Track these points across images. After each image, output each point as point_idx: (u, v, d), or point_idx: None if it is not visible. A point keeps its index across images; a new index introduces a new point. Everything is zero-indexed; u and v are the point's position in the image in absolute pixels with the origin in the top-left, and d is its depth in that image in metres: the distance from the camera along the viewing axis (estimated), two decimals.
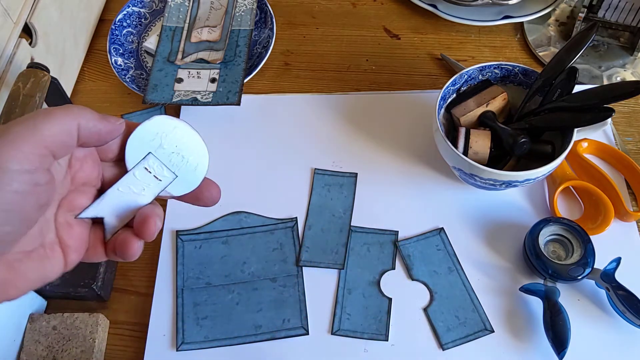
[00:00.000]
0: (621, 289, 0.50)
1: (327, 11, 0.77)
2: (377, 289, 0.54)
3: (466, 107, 0.59)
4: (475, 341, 0.51)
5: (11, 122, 0.29)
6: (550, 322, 0.49)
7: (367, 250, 0.57)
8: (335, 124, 0.66)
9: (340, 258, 0.56)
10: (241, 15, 0.72)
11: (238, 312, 0.54)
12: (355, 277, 0.55)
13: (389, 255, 0.56)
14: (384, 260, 0.56)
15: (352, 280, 0.55)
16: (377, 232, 0.58)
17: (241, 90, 0.64)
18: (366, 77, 0.70)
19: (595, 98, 0.53)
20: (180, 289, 0.55)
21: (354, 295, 0.54)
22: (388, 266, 0.56)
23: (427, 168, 0.62)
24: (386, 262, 0.56)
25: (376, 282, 0.55)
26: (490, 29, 0.74)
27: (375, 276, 0.55)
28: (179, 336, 0.52)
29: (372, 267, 0.56)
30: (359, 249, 0.57)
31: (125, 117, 0.67)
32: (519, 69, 0.59)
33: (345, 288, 0.55)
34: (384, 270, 0.55)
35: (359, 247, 0.57)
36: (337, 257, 0.56)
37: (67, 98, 0.56)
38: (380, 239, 0.57)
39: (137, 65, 0.70)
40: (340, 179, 0.61)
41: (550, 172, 0.54)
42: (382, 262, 0.56)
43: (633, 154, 0.62)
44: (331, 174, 0.62)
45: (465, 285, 0.54)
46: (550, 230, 0.54)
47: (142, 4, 0.74)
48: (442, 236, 0.57)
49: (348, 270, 0.56)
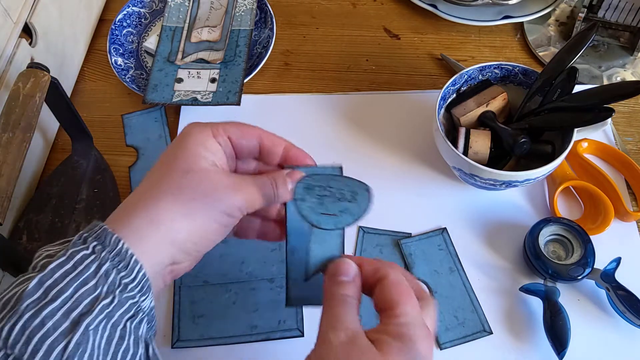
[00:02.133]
0: (621, 289, 0.50)
1: (327, 11, 0.77)
2: None
3: (466, 107, 0.59)
4: (474, 341, 0.51)
5: (242, 179, 0.39)
6: (550, 322, 0.49)
7: (379, 251, 0.56)
8: (335, 124, 0.66)
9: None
10: (241, 15, 0.72)
11: (234, 312, 0.53)
12: None
13: (401, 257, 0.56)
14: (395, 262, 0.55)
15: None
16: (389, 234, 0.57)
17: (241, 90, 0.64)
18: (366, 77, 0.70)
19: (595, 98, 0.53)
20: (178, 286, 0.55)
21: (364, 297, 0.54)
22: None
23: (427, 168, 0.62)
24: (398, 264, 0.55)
25: None
26: (490, 29, 0.74)
27: None
28: (175, 333, 0.52)
29: None
30: (371, 250, 0.56)
31: (125, 117, 0.67)
32: (519, 69, 0.59)
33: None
34: None
35: (372, 249, 0.57)
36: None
37: (67, 98, 0.56)
38: (393, 240, 0.57)
39: (137, 65, 0.70)
40: None
41: (550, 172, 0.54)
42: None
43: (633, 154, 0.62)
44: None
45: (466, 286, 0.54)
46: (550, 230, 0.54)
47: (142, 4, 0.74)
48: (445, 236, 0.57)
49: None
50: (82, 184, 0.59)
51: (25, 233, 0.56)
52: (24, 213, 0.57)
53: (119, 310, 0.33)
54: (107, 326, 0.33)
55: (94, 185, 0.59)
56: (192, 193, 0.36)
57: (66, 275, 0.32)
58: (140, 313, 0.35)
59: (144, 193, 0.37)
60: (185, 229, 0.36)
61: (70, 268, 0.33)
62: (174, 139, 0.40)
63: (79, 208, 0.58)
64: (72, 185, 0.59)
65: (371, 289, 0.38)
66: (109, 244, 0.34)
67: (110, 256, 0.33)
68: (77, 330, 0.31)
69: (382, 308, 0.36)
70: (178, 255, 0.37)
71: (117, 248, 0.34)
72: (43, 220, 0.57)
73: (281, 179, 0.40)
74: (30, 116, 0.49)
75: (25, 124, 0.48)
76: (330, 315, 0.36)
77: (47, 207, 0.57)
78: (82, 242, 0.34)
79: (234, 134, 0.40)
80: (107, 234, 0.34)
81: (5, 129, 0.47)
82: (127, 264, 0.34)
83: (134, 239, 0.35)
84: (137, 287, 0.34)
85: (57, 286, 0.32)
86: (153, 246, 0.35)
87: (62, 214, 0.57)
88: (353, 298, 0.38)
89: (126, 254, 0.34)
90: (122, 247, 0.34)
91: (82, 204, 0.58)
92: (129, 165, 0.63)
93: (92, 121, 0.67)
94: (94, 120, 0.67)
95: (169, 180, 0.37)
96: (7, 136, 0.47)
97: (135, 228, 0.35)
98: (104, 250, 0.34)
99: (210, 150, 0.39)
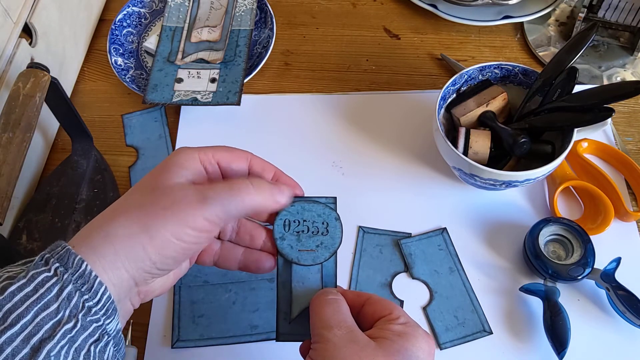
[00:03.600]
0: (621, 289, 0.50)
1: (327, 11, 0.77)
2: (389, 291, 0.54)
3: (466, 107, 0.59)
4: (474, 341, 0.51)
5: (209, 189, 0.36)
6: (550, 322, 0.49)
7: (379, 251, 0.56)
8: (335, 124, 0.66)
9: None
10: (241, 15, 0.72)
11: (234, 312, 0.53)
12: (366, 278, 0.55)
13: (401, 257, 0.56)
14: (396, 262, 0.56)
15: (363, 281, 0.55)
16: (389, 234, 0.58)
17: (241, 90, 0.64)
18: (366, 77, 0.70)
19: (595, 98, 0.53)
20: (178, 286, 0.55)
21: None
22: (400, 268, 0.55)
23: (427, 168, 0.62)
24: (398, 264, 0.56)
25: (388, 284, 0.55)
26: (490, 29, 0.74)
27: (387, 278, 0.55)
28: (175, 333, 0.52)
29: (384, 268, 0.55)
30: (371, 250, 0.56)
31: (125, 117, 0.67)
32: (519, 69, 0.59)
33: (356, 289, 0.54)
34: (396, 272, 0.55)
35: (372, 249, 0.57)
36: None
37: (67, 98, 0.56)
38: (393, 240, 0.57)
39: (137, 65, 0.70)
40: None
41: (550, 172, 0.54)
42: (395, 264, 0.56)
43: (633, 154, 0.62)
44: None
45: (466, 286, 0.54)
46: (550, 230, 0.54)
47: (142, 4, 0.74)
48: (445, 236, 0.57)
49: (360, 272, 0.55)
50: (82, 184, 0.59)
51: (25, 233, 0.56)
52: (24, 213, 0.57)
53: (82, 335, 0.32)
54: (70, 351, 0.31)
55: (94, 185, 0.60)
56: (151, 208, 0.35)
57: (26, 298, 0.31)
58: (105, 336, 0.33)
59: (107, 213, 0.36)
60: (141, 247, 0.34)
61: (31, 291, 0.31)
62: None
63: (78, 208, 0.58)
64: (72, 185, 0.59)
65: (357, 312, 0.39)
66: (72, 265, 0.32)
67: (73, 278, 0.32)
68: (37, 356, 0.30)
69: (377, 317, 0.37)
70: (138, 275, 0.35)
71: (80, 270, 0.32)
72: (43, 220, 0.57)
73: (262, 181, 0.39)
74: (30, 116, 0.49)
75: (25, 124, 0.48)
76: (319, 318, 0.36)
77: (47, 207, 0.57)
78: (43, 263, 0.33)
79: (223, 158, 0.39)
80: (70, 254, 0.33)
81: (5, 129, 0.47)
82: (91, 286, 0.32)
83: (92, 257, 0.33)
84: (102, 309, 0.33)
85: (16, 310, 0.30)
86: (109, 263, 0.33)
87: (62, 214, 0.57)
88: (340, 299, 0.38)
89: (90, 275, 0.32)
90: (86, 269, 0.32)
91: (82, 204, 0.58)
92: (129, 165, 0.63)
93: (92, 121, 0.67)
94: (94, 120, 0.67)
95: (133, 197, 0.36)
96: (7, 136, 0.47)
97: (92, 245, 0.34)
98: (67, 272, 0.32)
99: (188, 169, 0.37)
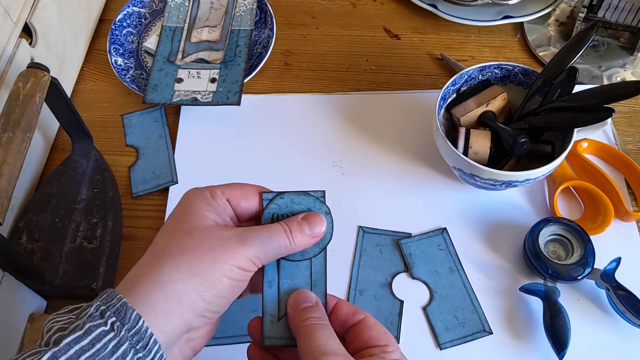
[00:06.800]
0: (621, 289, 0.50)
1: (327, 11, 0.77)
2: (389, 291, 0.54)
3: (466, 107, 0.59)
4: (474, 341, 0.51)
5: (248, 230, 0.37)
6: (550, 322, 0.49)
7: (379, 251, 0.56)
8: (335, 124, 0.66)
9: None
10: (241, 15, 0.72)
11: (234, 312, 0.53)
12: (366, 278, 0.55)
13: (401, 257, 0.56)
14: (396, 262, 0.56)
15: (363, 281, 0.55)
16: (389, 234, 0.57)
17: (241, 90, 0.64)
18: (366, 77, 0.70)
19: (595, 98, 0.53)
20: None
21: (366, 296, 0.54)
22: (400, 268, 0.55)
23: (427, 168, 0.62)
24: (398, 264, 0.56)
25: (388, 284, 0.54)
26: (490, 29, 0.74)
27: (387, 278, 0.55)
28: None
29: (384, 268, 0.55)
30: (371, 250, 0.56)
31: (125, 117, 0.67)
32: (519, 69, 0.59)
33: (356, 289, 0.54)
34: (396, 272, 0.55)
35: (372, 249, 0.57)
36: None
37: (67, 98, 0.56)
38: (393, 240, 0.57)
39: (137, 65, 0.70)
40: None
41: (550, 172, 0.54)
42: (395, 264, 0.56)
43: (633, 154, 0.62)
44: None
45: (466, 286, 0.54)
46: (550, 230, 0.54)
47: (142, 4, 0.74)
48: (445, 236, 0.57)
49: (360, 271, 0.55)
50: (82, 184, 0.59)
51: (25, 233, 0.56)
52: (24, 213, 0.57)
53: None
54: None
55: (94, 185, 0.59)
56: (197, 251, 0.35)
57: (82, 352, 0.31)
58: None
59: (149, 261, 0.36)
60: (194, 289, 0.34)
61: (87, 345, 0.31)
62: (176, 206, 0.39)
63: (78, 208, 0.58)
64: (72, 185, 0.59)
65: (349, 328, 0.38)
66: (129, 321, 0.32)
67: (129, 335, 0.32)
68: None
69: (371, 344, 0.36)
70: (192, 319, 0.35)
71: (137, 326, 0.32)
72: (43, 220, 0.57)
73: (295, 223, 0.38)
74: (30, 116, 0.49)
75: (25, 124, 0.48)
76: (310, 343, 0.35)
77: (47, 207, 0.57)
78: (99, 315, 0.32)
79: (233, 196, 0.39)
80: (127, 309, 0.33)
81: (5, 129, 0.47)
82: (146, 344, 0.32)
83: (143, 306, 0.33)
84: None
85: None
86: (162, 309, 0.33)
87: (62, 214, 0.57)
88: (325, 322, 0.37)
89: (145, 333, 0.32)
90: (142, 326, 0.32)
91: (82, 204, 0.58)
92: (129, 165, 0.63)
93: (92, 121, 0.67)
94: (94, 120, 0.67)
95: (172, 242, 0.36)
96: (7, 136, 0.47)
97: (143, 294, 0.33)
98: (123, 327, 0.32)
99: (211, 210, 0.37)
